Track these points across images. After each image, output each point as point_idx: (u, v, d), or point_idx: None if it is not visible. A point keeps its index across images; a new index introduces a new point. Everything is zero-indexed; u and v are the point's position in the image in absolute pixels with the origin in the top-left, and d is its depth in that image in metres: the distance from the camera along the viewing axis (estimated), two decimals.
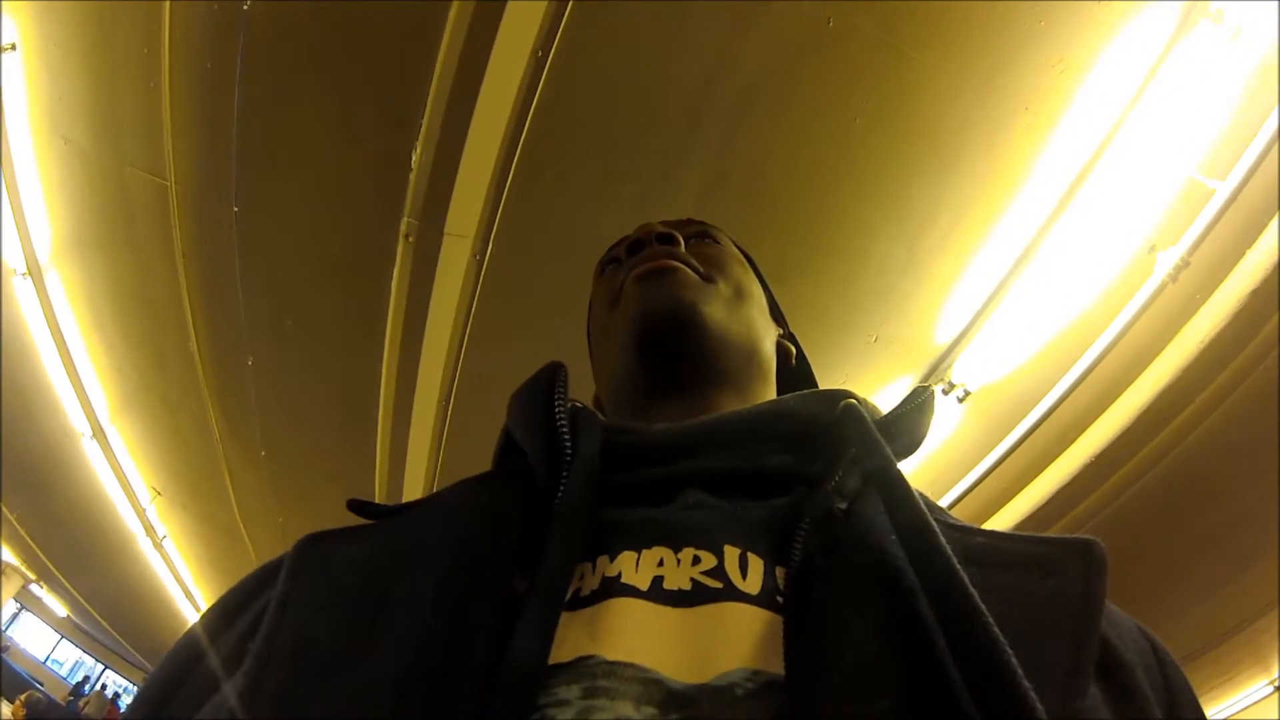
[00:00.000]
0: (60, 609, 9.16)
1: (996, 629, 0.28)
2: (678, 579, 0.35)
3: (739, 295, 0.60)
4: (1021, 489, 2.70)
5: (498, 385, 0.50)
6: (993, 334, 2.40)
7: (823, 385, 0.59)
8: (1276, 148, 1.86)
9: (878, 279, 2.33)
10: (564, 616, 0.33)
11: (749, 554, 0.37)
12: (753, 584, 0.35)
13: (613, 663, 0.31)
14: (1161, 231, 2.09)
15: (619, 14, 1.92)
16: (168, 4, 2.30)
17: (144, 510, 5.24)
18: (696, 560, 0.36)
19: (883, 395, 2.59)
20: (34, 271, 3.41)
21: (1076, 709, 0.28)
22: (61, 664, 10.95)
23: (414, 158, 2.25)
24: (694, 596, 0.34)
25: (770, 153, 2.10)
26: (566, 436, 0.43)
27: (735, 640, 0.32)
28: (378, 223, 2.49)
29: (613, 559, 0.37)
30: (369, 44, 2.16)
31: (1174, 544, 2.69)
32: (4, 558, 7.82)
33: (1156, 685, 0.35)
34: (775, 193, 2.14)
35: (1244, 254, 2.04)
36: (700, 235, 0.65)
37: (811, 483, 0.41)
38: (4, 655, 8.16)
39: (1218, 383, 2.23)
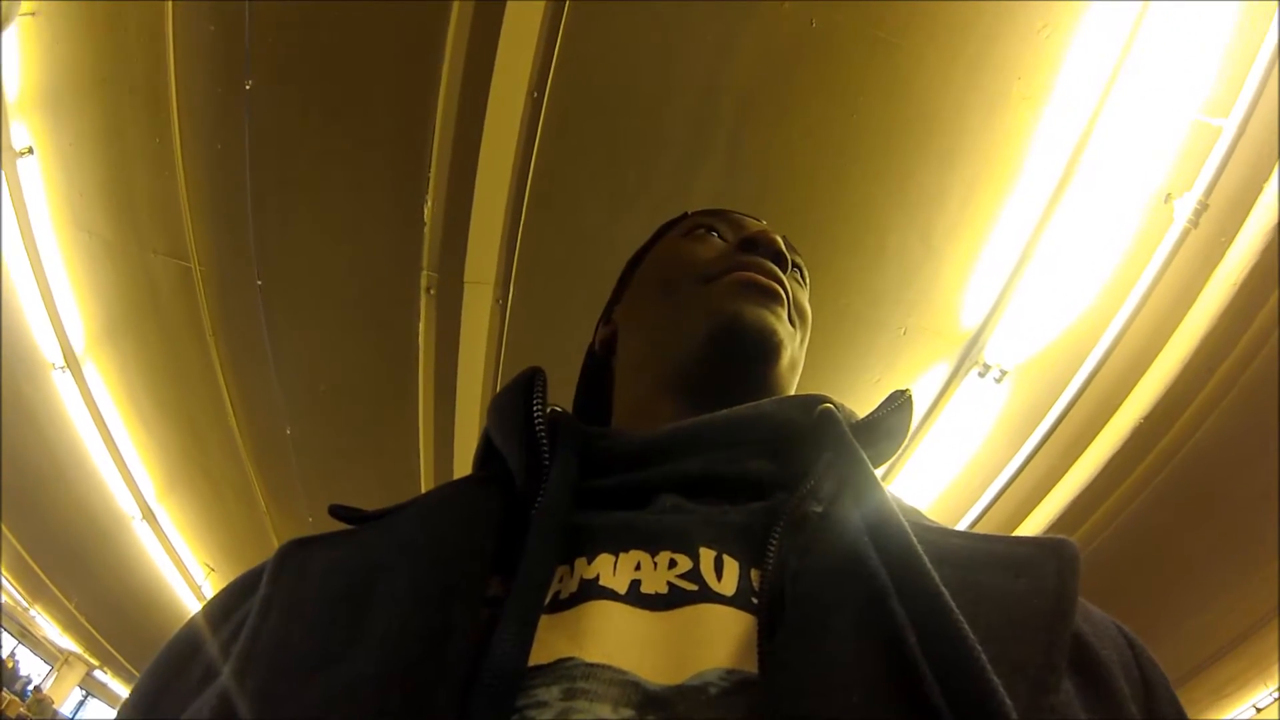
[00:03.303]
0: (126, 693, 9.26)
1: (966, 627, 0.29)
2: (655, 583, 0.35)
3: (801, 349, 0.61)
4: (1072, 463, 2.64)
5: None
6: (1021, 310, 2.36)
7: (857, 384, 0.59)
8: (1276, 75, 1.84)
9: (897, 270, 2.32)
10: (543, 619, 0.33)
11: (724, 556, 0.37)
12: (728, 585, 0.35)
13: (591, 665, 0.31)
14: (1174, 178, 2.06)
15: (608, 46, 1.96)
16: (173, 91, 2.39)
17: (199, 588, 5.31)
18: (673, 564, 0.36)
19: (918, 387, 2.56)
20: (71, 363, 3.52)
21: (1048, 705, 0.29)
22: None
23: (426, 211, 2.30)
24: (670, 599, 0.34)
25: (773, 159, 2.11)
26: (545, 442, 0.44)
27: (711, 641, 0.32)
28: (398, 280, 2.55)
29: (590, 562, 0.37)
30: (369, 105, 2.22)
31: (1240, 497, 2.63)
32: (67, 646, 7.96)
33: (1133, 681, 0.35)
34: (783, 197, 2.16)
35: (1261, 187, 2.01)
36: (796, 267, 0.65)
37: (787, 487, 0.42)
38: None
39: (1258, 321, 2.19)
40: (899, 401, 0.50)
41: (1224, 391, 2.38)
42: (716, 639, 0.33)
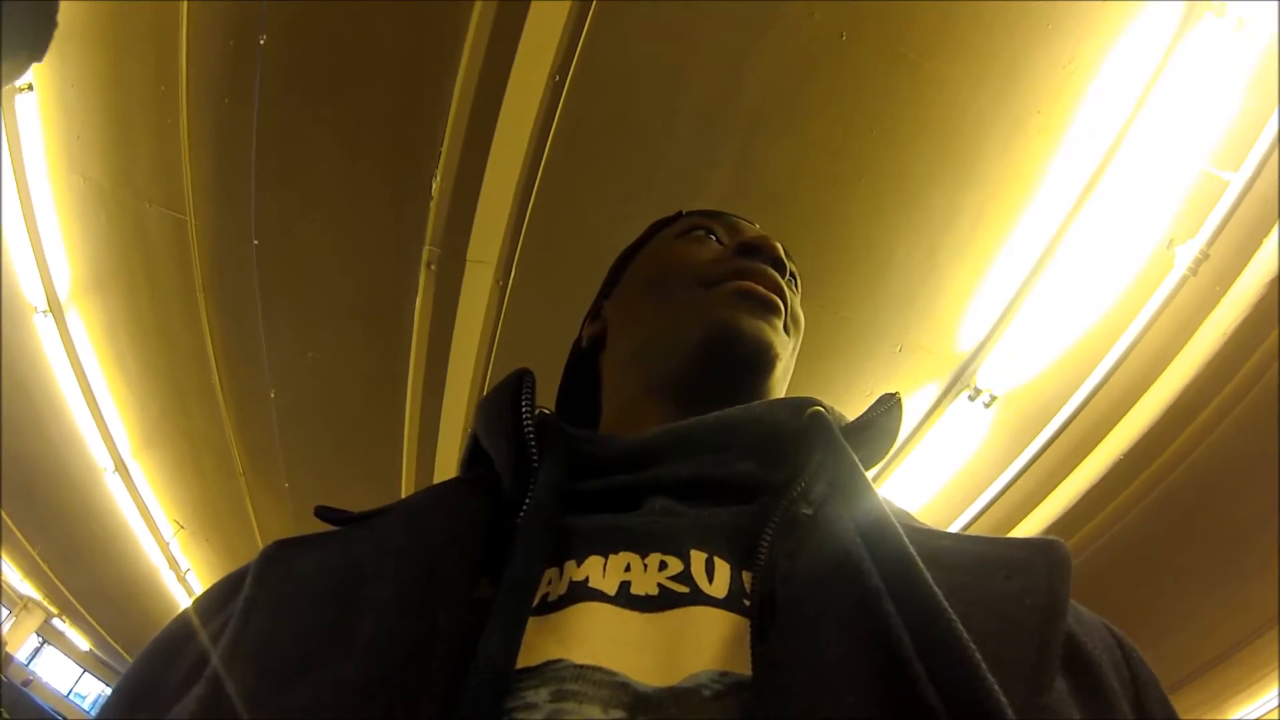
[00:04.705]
0: (83, 643, 9.15)
1: (961, 626, 0.28)
2: (645, 584, 0.35)
3: (793, 357, 0.61)
4: (1051, 491, 2.69)
5: None
6: (1017, 337, 2.39)
7: (850, 395, 0.58)
8: None
9: (900, 287, 2.33)
10: (532, 621, 0.33)
11: (715, 558, 0.37)
12: (719, 588, 0.35)
13: (581, 666, 0.31)
14: (1179, 225, 2.09)
15: (634, 35, 1.94)
16: (184, 41, 2.33)
17: (167, 544, 5.25)
18: (663, 565, 0.36)
19: (908, 404, 2.59)
20: (55, 309, 3.45)
21: (1042, 704, 0.29)
22: (84, 698, 10.93)
23: (434, 185, 2.27)
24: (661, 601, 0.34)
25: (788, 166, 2.11)
26: (533, 444, 0.43)
27: (702, 643, 0.32)
28: (399, 252, 2.52)
29: (580, 564, 0.37)
30: (387, 74, 2.18)
31: (1213, 532, 2.69)
32: (26, 592, 7.84)
33: (1124, 680, 0.36)
34: (795, 205, 2.16)
35: (1261, 242, 2.05)
36: (792, 277, 0.64)
37: (777, 489, 0.42)
38: (27, 689, 8.17)
39: (1243, 371, 2.23)
40: (889, 404, 0.50)
41: (1203, 436, 2.43)
42: (708, 641, 0.32)
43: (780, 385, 0.58)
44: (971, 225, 2.19)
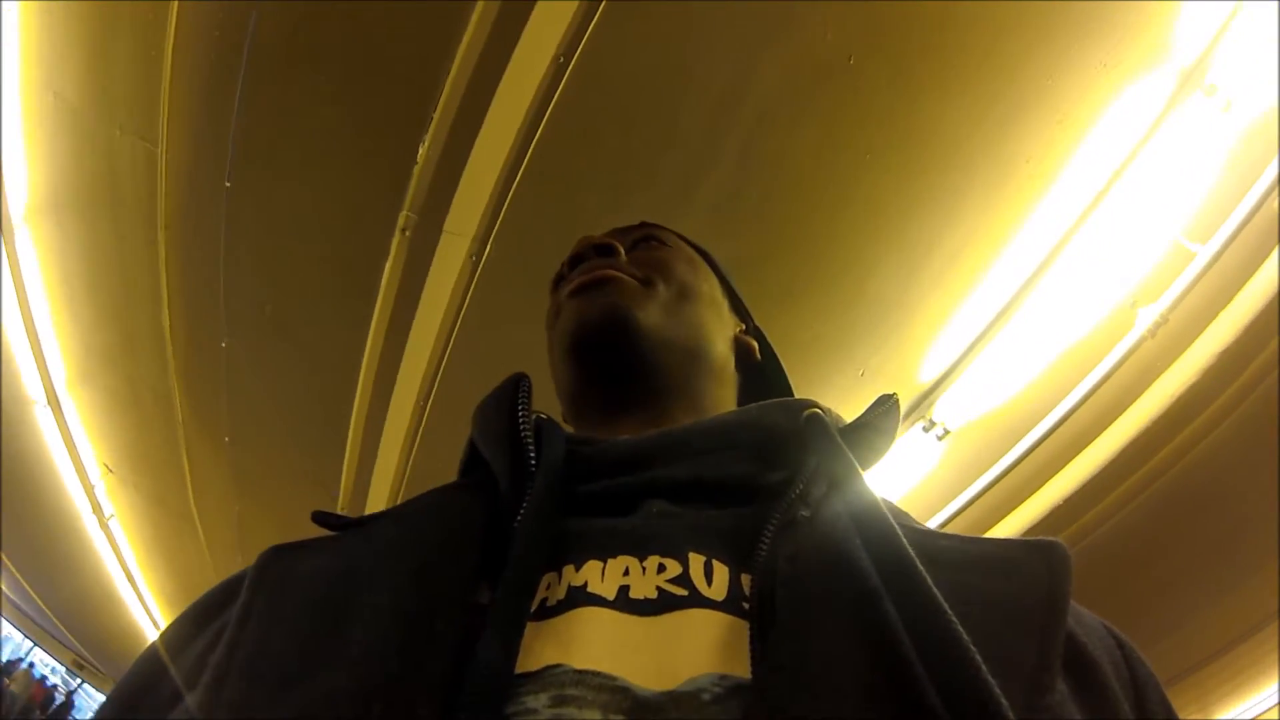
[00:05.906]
0: None
1: (960, 627, 0.28)
2: (644, 588, 0.35)
3: (682, 296, 0.60)
4: (995, 524, 2.77)
5: (478, 394, 0.52)
6: (976, 375, 2.46)
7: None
8: (1257, 216, 1.96)
9: (871, 311, 2.37)
10: (531, 626, 0.33)
11: (714, 561, 0.37)
12: (718, 590, 0.35)
13: (580, 671, 0.31)
14: (1144, 289, 2.18)
15: (646, 26, 1.93)
16: None
17: (93, 487, 5.03)
18: (662, 568, 0.36)
19: None
20: (4, 229, 3.28)
21: (1043, 705, 0.29)
22: None
23: (421, 151, 2.22)
24: (660, 604, 0.34)
25: (781, 177, 2.12)
26: (530, 448, 0.44)
27: (702, 646, 0.32)
28: (376, 214, 2.45)
29: (579, 569, 0.37)
30: (388, 33, 2.13)
31: (1151, 582, 2.79)
32: None
33: (1124, 680, 0.36)
34: (783, 217, 2.16)
35: (1217, 315, 2.14)
36: (644, 240, 0.66)
37: (775, 491, 0.42)
38: None
39: (1183, 435, 2.33)
40: (887, 405, 0.51)
41: (1140, 491, 2.53)
42: (707, 644, 0.32)
43: (684, 334, 0.58)
44: (949, 259, 2.23)
